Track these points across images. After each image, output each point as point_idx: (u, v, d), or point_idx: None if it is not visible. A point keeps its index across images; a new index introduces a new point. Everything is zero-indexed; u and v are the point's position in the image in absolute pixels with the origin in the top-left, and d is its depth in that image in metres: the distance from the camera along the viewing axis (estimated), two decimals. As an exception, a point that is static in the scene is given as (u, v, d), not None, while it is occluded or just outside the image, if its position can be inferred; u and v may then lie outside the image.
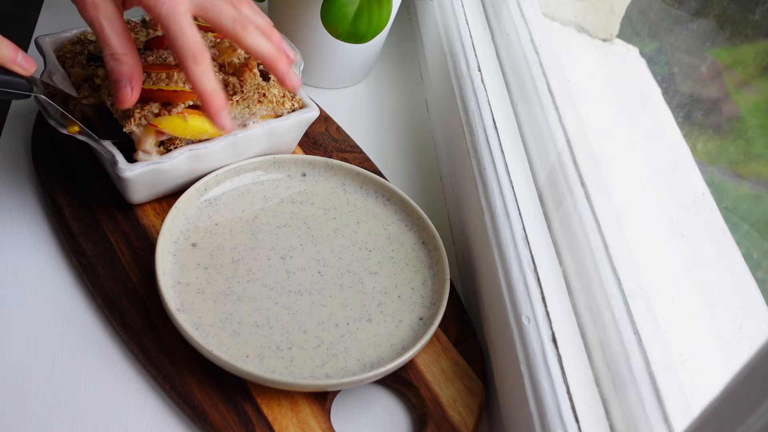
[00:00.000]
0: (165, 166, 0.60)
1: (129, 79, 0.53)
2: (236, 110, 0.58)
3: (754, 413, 0.29)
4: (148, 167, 0.59)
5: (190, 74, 0.52)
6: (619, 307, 0.49)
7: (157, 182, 0.61)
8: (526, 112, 0.66)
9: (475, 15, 0.79)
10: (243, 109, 0.58)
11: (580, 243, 0.54)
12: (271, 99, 0.60)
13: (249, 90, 0.59)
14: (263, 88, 0.60)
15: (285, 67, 0.57)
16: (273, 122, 0.64)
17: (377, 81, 0.88)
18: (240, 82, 0.60)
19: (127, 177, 0.58)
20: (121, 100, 0.54)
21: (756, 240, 0.50)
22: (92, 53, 0.66)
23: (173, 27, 0.51)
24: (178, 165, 0.60)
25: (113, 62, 0.53)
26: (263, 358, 0.53)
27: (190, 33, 0.51)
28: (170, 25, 0.51)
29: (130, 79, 0.53)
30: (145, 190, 0.62)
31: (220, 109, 0.54)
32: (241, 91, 0.58)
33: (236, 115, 0.58)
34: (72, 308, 0.58)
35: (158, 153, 0.60)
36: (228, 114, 0.55)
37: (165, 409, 0.54)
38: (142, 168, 0.58)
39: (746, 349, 0.47)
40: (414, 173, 0.77)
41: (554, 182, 0.59)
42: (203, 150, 0.61)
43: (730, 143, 0.56)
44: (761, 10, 0.53)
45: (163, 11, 0.50)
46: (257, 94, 0.59)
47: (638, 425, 0.44)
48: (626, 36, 0.72)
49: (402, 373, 0.56)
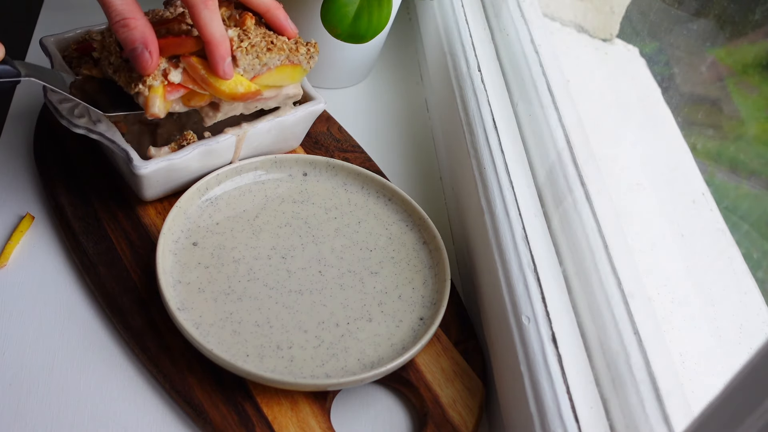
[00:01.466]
0: (178, 162, 0.60)
1: (144, 44, 0.50)
2: (246, 60, 0.54)
3: (754, 413, 0.29)
4: (162, 164, 0.59)
5: (199, 18, 0.49)
6: (619, 307, 0.49)
7: (171, 178, 0.62)
8: (526, 112, 0.66)
9: (475, 15, 0.79)
10: (253, 59, 0.54)
11: (580, 243, 0.54)
12: (282, 46, 0.56)
13: (255, 38, 0.55)
14: (270, 36, 0.56)
15: (284, 14, 0.55)
16: (281, 116, 0.64)
17: (377, 81, 0.88)
18: (244, 32, 0.55)
19: (142, 174, 0.59)
20: (142, 67, 0.51)
21: (756, 240, 0.50)
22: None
23: None
24: (191, 161, 0.61)
25: (122, 29, 0.50)
26: (263, 358, 0.53)
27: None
28: None
29: (146, 43, 0.50)
30: (159, 186, 0.62)
31: (225, 55, 0.51)
32: (247, 38, 0.54)
33: (246, 66, 0.54)
34: (72, 307, 0.59)
35: (170, 150, 0.59)
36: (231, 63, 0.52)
37: (165, 409, 0.54)
38: (156, 165, 0.59)
39: (746, 349, 0.47)
40: (414, 173, 0.77)
41: (554, 182, 0.59)
42: (215, 145, 0.61)
43: (730, 143, 0.56)
44: (761, 10, 0.53)
45: None
46: (265, 42, 0.55)
47: (638, 425, 0.44)
48: (626, 36, 0.72)
49: (402, 373, 0.56)
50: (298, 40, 0.58)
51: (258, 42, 0.54)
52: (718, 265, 0.52)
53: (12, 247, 0.61)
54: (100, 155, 0.68)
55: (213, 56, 0.51)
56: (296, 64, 0.58)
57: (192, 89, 0.55)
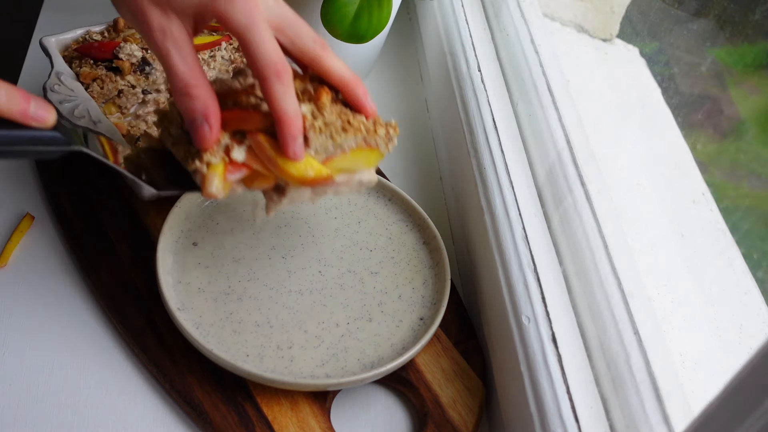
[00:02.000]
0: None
1: (205, 116, 0.45)
2: (318, 140, 0.48)
3: (754, 413, 0.29)
4: None
5: (272, 92, 0.45)
6: (619, 307, 0.49)
7: None
8: (526, 112, 0.66)
9: (475, 15, 0.79)
10: (326, 139, 0.48)
11: (580, 243, 0.54)
12: (359, 127, 0.49)
13: (331, 116, 0.49)
14: (347, 114, 0.49)
15: (363, 90, 0.50)
16: None
17: (377, 81, 0.88)
18: (318, 108, 0.48)
19: None
20: (199, 140, 0.46)
21: (756, 240, 0.50)
22: None
23: (252, 38, 0.45)
24: None
25: (183, 97, 0.46)
26: (263, 358, 0.53)
27: (272, 45, 0.45)
28: (249, 36, 0.45)
29: (206, 115, 0.45)
30: None
31: (296, 134, 0.46)
32: (321, 116, 0.48)
33: (318, 147, 0.48)
34: (73, 307, 0.58)
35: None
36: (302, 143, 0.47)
37: (165, 408, 0.54)
38: None
39: (746, 349, 0.47)
40: (414, 173, 0.77)
41: (554, 182, 0.59)
42: None
43: (730, 143, 0.56)
44: (761, 10, 0.53)
45: (240, 20, 0.44)
46: (341, 120, 0.49)
47: (638, 425, 0.44)
48: (626, 36, 0.72)
49: (402, 373, 0.56)
50: (376, 120, 0.51)
51: (333, 121, 0.48)
52: (718, 265, 0.52)
53: (12, 247, 0.61)
54: (100, 155, 0.68)
55: (283, 134, 0.45)
56: (373, 147, 0.51)
57: (256, 170, 0.48)
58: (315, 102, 0.48)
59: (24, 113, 0.38)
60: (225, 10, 0.45)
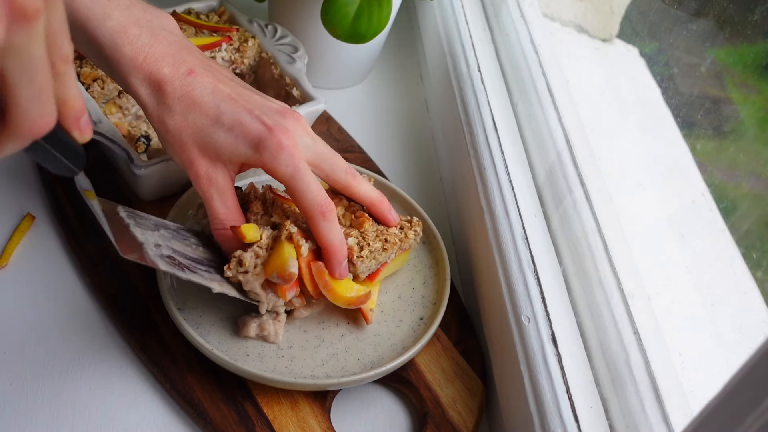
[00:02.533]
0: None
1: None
2: (364, 265, 0.55)
3: (753, 413, 0.29)
4: (162, 164, 0.60)
5: (319, 230, 0.51)
6: (618, 307, 0.49)
7: (171, 178, 0.62)
8: (526, 112, 0.66)
9: (475, 15, 0.79)
10: (370, 261, 0.55)
11: (579, 243, 0.54)
12: (394, 241, 0.57)
13: (372, 240, 0.56)
14: (383, 233, 0.57)
15: (387, 206, 0.57)
16: None
17: (377, 81, 0.88)
18: (362, 234, 0.56)
19: (142, 174, 0.59)
20: None
21: (756, 240, 0.50)
22: None
23: (300, 185, 0.50)
24: None
25: (221, 234, 0.53)
26: (263, 357, 0.53)
27: (316, 188, 0.51)
28: (296, 184, 0.50)
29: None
30: (159, 186, 0.63)
31: (341, 261, 0.53)
32: (367, 245, 0.55)
33: (364, 270, 0.55)
34: (73, 307, 0.59)
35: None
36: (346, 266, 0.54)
37: (165, 408, 0.54)
38: (156, 165, 0.60)
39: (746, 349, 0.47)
40: (414, 173, 0.77)
41: (554, 182, 0.59)
42: None
43: (730, 143, 0.56)
44: (761, 10, 0.53)
45: (288, 171, 0.50)
46: (380, 242, 0.56)
47: (638, 425, 0.44)
48: (626, 36, 0.72)
49: (402, 372, 0.56)
50: (403, 225, 0.59)
51: (377, 247, 0.56)
52: (717, 265, 0.52)
53: (12, 247, 0.61)
54: (101, 155, 0.68)
55: (331, 262, 0.52)
56: (407, 250, 0.59)
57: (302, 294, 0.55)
58: (359, 228, 0.56)
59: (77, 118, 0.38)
60: (271, 163, 0.50)
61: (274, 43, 0.72)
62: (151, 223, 0.52)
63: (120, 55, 0.51)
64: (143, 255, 0.48)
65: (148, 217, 0.53)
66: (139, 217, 0.52)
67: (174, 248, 0.52)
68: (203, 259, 0.53)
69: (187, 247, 0.53)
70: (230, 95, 0.52)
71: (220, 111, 0.51)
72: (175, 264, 0.50)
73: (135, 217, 0.52)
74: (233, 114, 0.51)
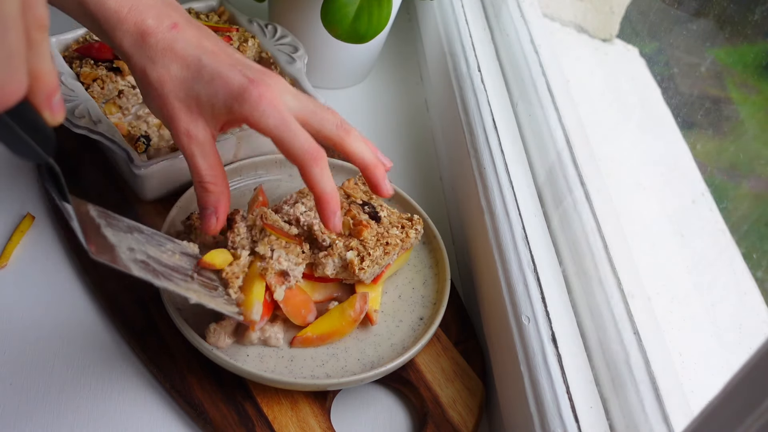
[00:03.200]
0: (178, 162, 0.61)
1: (215, 208, 0.51)
2: (369, 271, 0.55)
3: (753, 413, 0.29)
4: (162, 164, 0.60)
5: (311, 176, 0.50)
6: (618, 307, 0.49)
7: (171, 178, 0.63)
8: (526, 112, 0.66)
9: (475, 15, 0.79)
10: (374, 267, 0.55)
11: (579, 243, 0.54)
12: (396, 243, 0.56)
13: (373, 248, 0.56)
14: (384, 236, 0.57)
15: (382, 173, 0.54)
16: None
17: (377, 81, 0.88)
18: (362, 243, 0.56)
19: (142, 174, 0.59)
20: (205, 227, 0.52)
21: (756, 240, 0.50)
22: None
23: (286, 135, 0.49)
24: None
25: (200, 190, 0.51)
26: (263, 357, 0.53)
27: (303, 136, 0.49)
28: (282, 134, 0.49)
29: (216, 208, 0.51)
30: (159, 186, 0.63)
31: (335, 211, 0.51)
32: (368, 255, 0.55)
33: (369, 275, 0.55)
34: (73, 307, 0.59)
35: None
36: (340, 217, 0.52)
37: (165, 408, 0.54)
38: (156, 165, 0.60)
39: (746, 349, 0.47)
40: (414, 173, 0.77)
41: (554, 182, 0.59)
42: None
43: (730, 143, 0.56)
44: (761, 10, 0.53)
45: (271, 123, 0.48)
46: (381, 247, 0.56)
47: (638, 425, 0.44)
48: (626, 36, 0.72)
49: (402, 372, 0.56)
50: (404, 224, 0.59)
51: (378, 255, 0.55)
52: (717, 265, 0.52)
53: (12, 247, 0.61)
54: (101, 155, 0.68)
55: (325, 211, 0.51)
56: (408, 249, 0.59)
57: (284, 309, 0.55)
58: (358, 237, 0.56)
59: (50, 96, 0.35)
60: (255, 117, 0.48)
61: (274, 43, 0.72)
62: (123, 225, 0.51)
63: (104, 8, 0.50)
64: (115, 258, 0.46)
65: (121, 219, 0.51)
66: (111, 218, 0.50)
67: (149, 253, 0.50)
68: (179, 267, 0.52)
69: (163, 254, 0.51)
70: (213, 50, 0.51)
71: (201, 64, 0.50)
72: (149, 270, 0.48)
73: (106, 218, 0.50)
74: (214, 67, 0.49)
